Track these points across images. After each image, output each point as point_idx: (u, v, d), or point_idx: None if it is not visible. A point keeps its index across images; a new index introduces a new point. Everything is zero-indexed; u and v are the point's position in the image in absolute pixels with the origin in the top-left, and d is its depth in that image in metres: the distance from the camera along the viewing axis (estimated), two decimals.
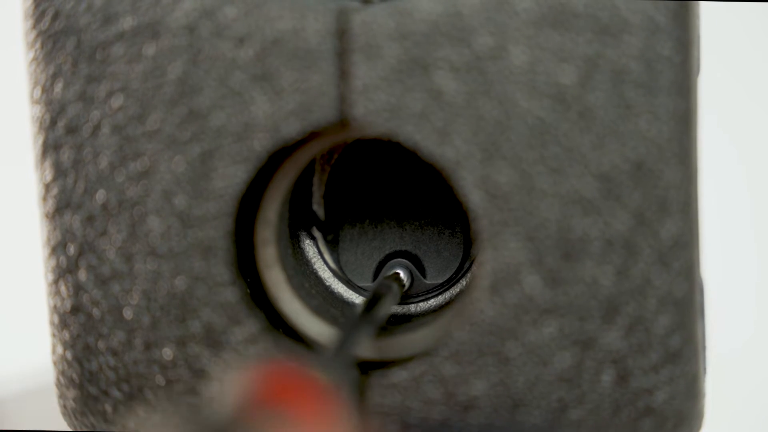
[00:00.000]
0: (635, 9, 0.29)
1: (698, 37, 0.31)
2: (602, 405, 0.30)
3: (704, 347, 0.32)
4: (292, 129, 0.30)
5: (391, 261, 0.39)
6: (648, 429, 0.30)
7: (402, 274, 0.38)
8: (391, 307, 0.33)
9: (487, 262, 0.30)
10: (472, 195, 0.30)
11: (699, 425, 0.31)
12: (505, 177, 0.29)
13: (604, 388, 0.30)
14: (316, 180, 0.39)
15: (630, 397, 0.30)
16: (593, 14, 0.29)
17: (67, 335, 0.32)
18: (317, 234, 0.39)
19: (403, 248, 0.39)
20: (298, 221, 0.38)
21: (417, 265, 0.39)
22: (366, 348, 0.32)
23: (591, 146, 0.29)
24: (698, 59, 0.31)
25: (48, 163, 0.31)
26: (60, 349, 0.32)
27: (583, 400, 0.30)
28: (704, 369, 0.31)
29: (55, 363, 0.33)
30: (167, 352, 0.31)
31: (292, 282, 0.33)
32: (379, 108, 0.30)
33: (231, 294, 0.31)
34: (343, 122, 0.30)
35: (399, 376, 0.31)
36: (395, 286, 0.35)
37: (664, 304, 0.30)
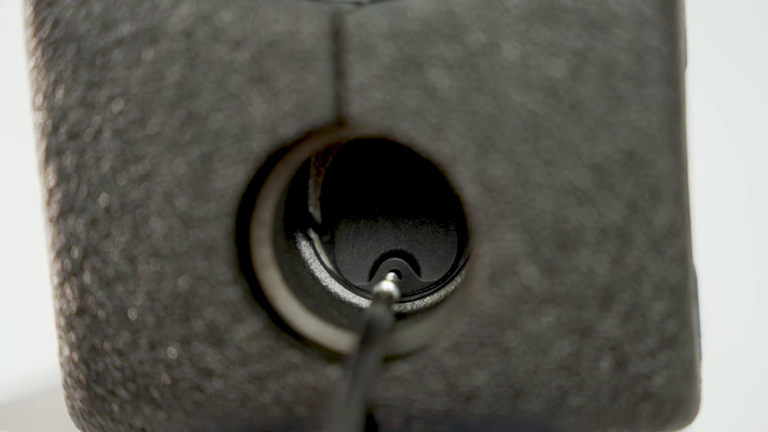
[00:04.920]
0: (623, 2, 0.29)
1: (685, 30, 0.32)
2: (601, 391, 0.31)
3: (699, 333, 0.32)
4: (289, 129, 0.31)
5: (387, 260, 0.39)
6: (647, 413, 0.31)
7: (392, 289, 0.37)
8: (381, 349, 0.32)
9: (485, 254, 0.30)
10: (468, 189, 0.30)
11: (696, 409, 0.32)
12: (500, 170, 0.30)
13: (603, 375, 0.31)
14: (311, 182, 0.39)
15: (628, 382, 0.31)
16: (582, 8, 0.30)
17: (73, 337, 0.32)
18: (314, 235, 0.39)
19: (399, 247, 0.39)
20: (294, 223, 0.39)
21: (412, 263, 0.39)
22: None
23: (583, 138, 0.30)
24: (685, 52, 0.32)
25: (51, 169, 0.32)
26: (67, 351, 0.33)
27: (582, 387, 0.31)
28: (700, 354, 0.32)
29: (62, 365, 0.33)
30: (172, 351, 0.32)
31: (289, 281, 0.34)
32: (375, 106, 0.30)
33: (233, 292, 0.31)
34: (339, 121, 0.30)
35: (401, 369, 0.31)
36: (384, 326, 0.34)
37: (659, 290, 0.30)
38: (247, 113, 0.31)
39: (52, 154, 0.32)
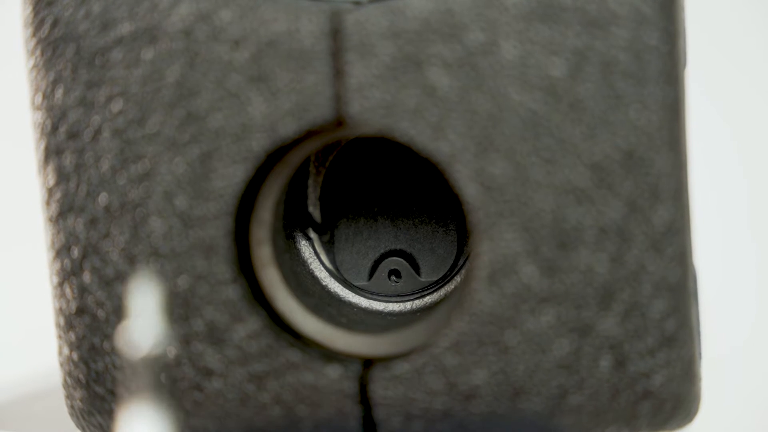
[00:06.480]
0: (622, 1, 0.29)
1: (684, 28, 0.32)
2: (601, 390, 0.31)
3: (699, 331, 0.32)
4: (288, 128, 0.31)
5: (386, 260, 0.39)
6: (646, 412, 0.31)
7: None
8: None
9: (484, 253, 0.30)
10: (468, 188, 0.30)
11: (696, 408, 0.32)
12: (500, 169, 0.30)
13: (603, 374, 0.31)
14: (311, 182, 0.39)
15: (628, 381, 0.31)
16: (581, 7, 0.30)
17: (73, 336, 0.32)
18: (313, 235, 0.39)
19: (398, 247, 0.39)
20: (294, 222, 0.39)
21: (412, 263, 0.39)
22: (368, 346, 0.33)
23: (582, 137, 0.30)
24: (685, 50, 0.32)
25: (50, 168, 0.32)
26: (66, 351, 0.33)
27: (582, 385, 0.31)
28: (700, 353, 0.32)
29: (61, 364, 0.33)
30: (171, 351, 0.32)
31: (288, 281, 0.34)
32: (374, 105, 0.30)
33: (233, 292, 0.31)
34: (339, 120, 0.31)
35: (401, 368, 0.31)
36: None
37: (659, 289, 0.30)
38: (246, 112, 0.31)
39: (52, 153, 0.32)
